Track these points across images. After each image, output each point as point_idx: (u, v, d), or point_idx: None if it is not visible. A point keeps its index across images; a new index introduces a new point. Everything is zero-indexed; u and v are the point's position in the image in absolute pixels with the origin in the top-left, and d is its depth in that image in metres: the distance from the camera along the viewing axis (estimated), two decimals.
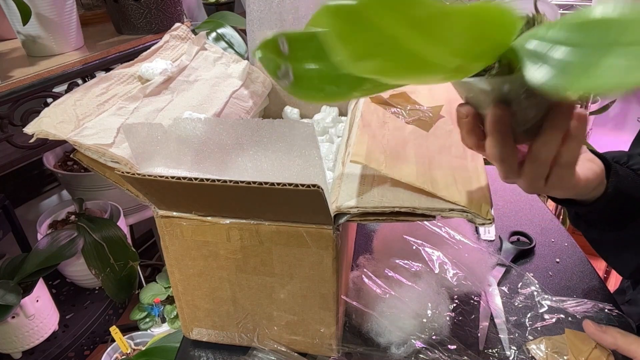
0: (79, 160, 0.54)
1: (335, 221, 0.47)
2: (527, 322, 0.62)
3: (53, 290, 1.12)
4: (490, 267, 0.69)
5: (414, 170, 0.48)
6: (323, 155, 0.68)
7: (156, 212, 0.52)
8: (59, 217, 1.14)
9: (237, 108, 0.70)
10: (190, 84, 0.68)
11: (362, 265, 0.64)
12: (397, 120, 0.57)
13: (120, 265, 1.05)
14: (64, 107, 0.54)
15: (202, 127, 0.47)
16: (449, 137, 0.56)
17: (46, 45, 0.92)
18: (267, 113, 0.84)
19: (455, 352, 0.56)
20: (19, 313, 0.90)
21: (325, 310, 0.54)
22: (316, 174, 0.45)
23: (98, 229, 1.05)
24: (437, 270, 0.64)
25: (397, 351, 0.57)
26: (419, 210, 0.45)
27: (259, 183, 0.41)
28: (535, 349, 0.58)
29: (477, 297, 0.65)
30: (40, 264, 0.93)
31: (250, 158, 0.47)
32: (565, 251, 0.75)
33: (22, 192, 1.30)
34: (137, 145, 0.48)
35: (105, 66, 0.97)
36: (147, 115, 0.58)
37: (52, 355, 0.98)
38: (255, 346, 0.59)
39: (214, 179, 0.42)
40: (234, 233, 0.51)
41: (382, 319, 0.57)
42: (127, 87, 0.62)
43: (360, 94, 0.43)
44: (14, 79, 0.82)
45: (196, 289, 0.57)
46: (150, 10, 1.02)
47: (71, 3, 0.93)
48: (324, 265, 0.51)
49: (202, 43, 0.76)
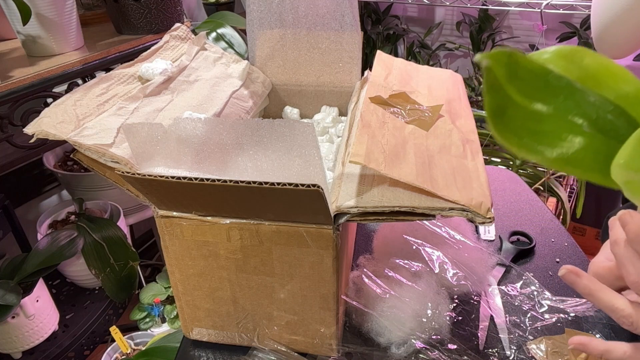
0: (79, 160, 0.54)
1: (335, 221, 0.47)
2: (527, 322, 0.62)
3: (53, 290, 1.12)
4: (490, 267, 0.69)
5: (413, 170, 0.48)
6: (323, 155, 0.68)
7: (156, 212, 0.52)
8: (59, 217, 1.14)
9: (237, 108, 0.70)
10: (190, 84, 0.68)
11: (362, 265, 0.64)
12: (397, 120, 0.57)
13: (120, 265, 1.05)
14: (64, 107, 0.54)
15: (202, 127, 0.47)
16: (448, 137, 0.56)
17: (46, 45, 0.92)
18: (267, 113, 0.84)
19: (455, 352, 0.56)
20: (19, 313, 0.90)
21: (325, 310, 0.54)
22: (316, 174, 0.45)
23: (98, 229, 1.05)
24: (437, 270, 0.64)
25: (397, 351, 0.57)
26: (419, 210, 0.45)
27: (259, 183, 0.41)
28: (535, 349, 0.58)
29: (477, 297, 0.65)
30: (40, 264, 0.93)
31: (250, 158, 0.47)
32: (565, 251, 0.75)
33: (22, 192, 1.30)
34: (137, 145, 0.48)
35: (105, 66, 0.97)
36: (147, 115, 0.58)
37: (52, 355, 0.98)
38: (255, 346, 0.59)
39: (214, 179, 0.42)
40: (234, 233, 0.51)
41: (382, 319, 0.57)
42: (127, 87, 0.62)
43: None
44: (14, 79, 0.82)
45: (196, 289, 0.57)
46: (150, 10, 1.02)
47: (71, 3, 0.93)
48: (324, 265, 0.51)
49: (202, 43, 0.76)
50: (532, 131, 0.25)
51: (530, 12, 1.61)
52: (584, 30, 1.52)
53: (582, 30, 1.53)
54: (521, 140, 0.25)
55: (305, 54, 0.79)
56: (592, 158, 0.26)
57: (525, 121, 0.25)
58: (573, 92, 0.25)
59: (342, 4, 0.73)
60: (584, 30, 1.52)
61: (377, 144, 0.50)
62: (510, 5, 1.39)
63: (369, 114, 0.56)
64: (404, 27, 1.88)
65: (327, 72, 0.80)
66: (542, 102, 0.25)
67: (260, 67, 0.81)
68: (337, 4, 0.74)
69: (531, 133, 0.25)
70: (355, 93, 0.75)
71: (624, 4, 0.61)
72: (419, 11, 1.86)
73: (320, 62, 0.79)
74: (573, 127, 0.25)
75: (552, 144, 0.26)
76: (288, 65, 0.81)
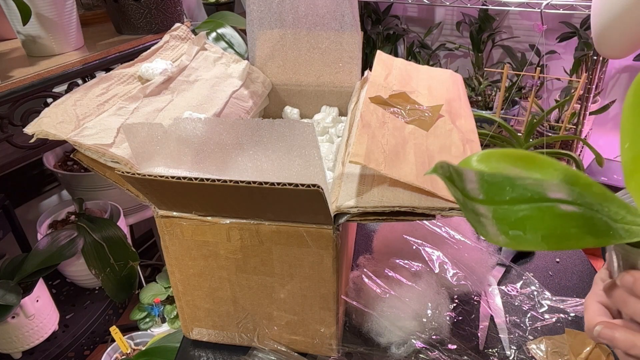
0: (79, 160, 0.54)
1: (335, 221, 0.47)
2: (527, 322, 0.62)
3: (53, 290, 1.12)
4: (490, 267, 0.69)
5: (413, 170, 0.48)
6: (323, 155, 0.68)
7: (156, 212, 0.52)
8: (59, 217, 1.14)
9: (237, 108, 0.70)
10: (190, 84, 0.68)
11: (362, 265, 0.64)
12: (397, 120, 0.57)
13: (120, 265, 1.04)
14: (64, 107, 0.54)
15: (202, 127, 0.47)
16: (448, 137, 0.56)
17: (46, 45, 0.92)
18: (267, 113, 0.84)
19: (455, 352, 0.56)
20: (19, 313, 0.90)
21: (325, 310, 0.54)
22: (316, 174, 0.45)
23: (98, 229, 1.05)
24: (437, 270, 0.64)
25: (397, 351, 0.57)
26: (419, 210, 0.45)
27: (259, 183, 0.41)
28: (535, 348, 0.58)
29: (477, 297, 0.65)
30: (40, 264, 0.93)
31: (250, 158, 0.47)
32: (565, 251, 0.75)
33: (22, 192, 1.30)
34: (137, 145, 0.48)
35: (105, 66, 0.96)
36: (147, 115, 0.58)
37: (52, 355, 0.98)
38: (255, 346, 0.59)
39: (214, 179, 0.42)
40: (234, 233, 0.51)
41: (382, 319, 0.57)
42: (127, 87, 0.62)
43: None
44: (14, 79, 0.82)
45: (196, 289, 0.57)
46: (150, 10, 1.02)
47: (71, 3, 0.93)
48: (324, 265, 0.51)
49: (202, 43, 0.76)
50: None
51: (530, 12, 1.61)
52: (584, 30, 1.52)
53: (582, 30, 1.53)
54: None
55: (305, 54, 0.79)
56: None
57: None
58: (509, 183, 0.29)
59: (342, 4, 0.73)
60: (584, 30, 1.52)
61: (377, 144, 0.50)
62: (510, 5, 1.39)
63: (369, 114, 0.56)
64: (404, 27, 1.88)
65: (327, 72, 0.80)
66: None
67: (260, 67, 0.81)
68: (337, 4, 0.74)
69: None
70: (355, 93, 0.75)
71: (624, 4, 0.61)
72: (419, 11, 1.86)
73: (320, 62, 0.79)
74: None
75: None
76: (288, 65, 0.81)
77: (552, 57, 1.67)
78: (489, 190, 0.29)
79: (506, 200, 0.29)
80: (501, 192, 0.29)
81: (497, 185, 0.29)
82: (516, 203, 0.29)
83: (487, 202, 0.29)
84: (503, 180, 0.29)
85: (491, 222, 0.28)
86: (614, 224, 0.30)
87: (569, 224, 0.29)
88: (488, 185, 0.29)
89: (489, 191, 0.29)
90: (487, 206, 0.29)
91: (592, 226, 0.29)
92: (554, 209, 0.29)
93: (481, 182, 0.29)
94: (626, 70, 1.60)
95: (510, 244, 0.28)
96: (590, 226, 0.29)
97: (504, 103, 1.55)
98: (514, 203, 0.29)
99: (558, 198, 0.29)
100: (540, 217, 0.28)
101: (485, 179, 0.29)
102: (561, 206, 0.29)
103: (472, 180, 0.29)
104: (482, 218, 0.29)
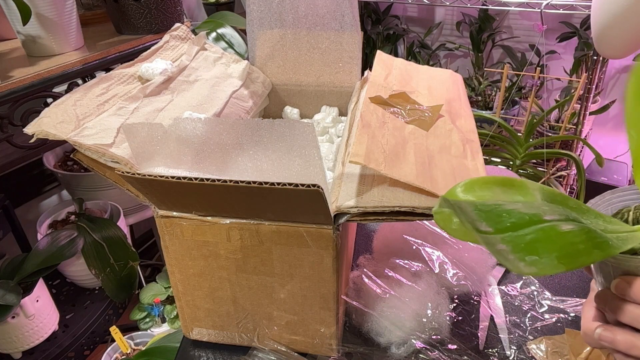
0: (79, 160, 0.54)
1: (335, 221, 0.47)
2: (527, 322, 0.62)
3: (53, 290, 1.12)
4: (490, 267, 0.69)
5: (413, 170, 0.48)
6: (323, 155, 0.68)
7: (156, 212, 0.52)
8: (59, 217, 1.14)
9: (237, 108, 0.70)
10: (190, 84, 0.68)
11: (362, 265, 0.64)
12: (397, 120, 0.57)
13: (120, 265, 1.04)
14: (64, 107, 0.54)
15: (202, 127, 0.47)
16: (448, 137, 0.56)
17: (46, 45, 0.92)
18: (267, 113, 0.84)
19: (455, 352, 0.56)
20: (19, 313, 0.90)
21: (325, 310, 0.54)
22: (316, 174, 0.45)
23: (98, 229, 1.05)
24: (437, 270, 0.64)
25: (397, 351, 0.57)
26: (419, 210, 0.45)
27: (259, 183, 0.41)
28: (535, 349, 0.58)
29: (477, 297, 0.65)
30: (40, 264, 0.93)
31: (250, 158, 0.47)
32: None
33: (22, 192, 1.30)
34: (137, 145, 0.48)
35: (105, 66, 0.97)
36: (147, 115, 0.58)
37: (52, 355, 0.98)
38: (255, 346, 0.59)
39: (214, 179, 0.42)
40: (234, 233, 0.51)
41: (382, 319, 0.57)
42: (127, 87, 0.62)
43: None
44: (14, 79, 0.82)
45: (196, 289, 0.57)
46: (150, 10, 1.02)
47: (71, 3, 0.93)
48: (324, 265, 0.51)
49: (202, 43, 0.76)
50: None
51: (530, 12, 1.61)
52: (584, 30, 1.52)
53: (582, 30, 1.53)
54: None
55: (305, 54, 0.79)
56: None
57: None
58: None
59: (342, 4, 0.73)
60: (584, 30, 1.52)
61: (377, 144, 0.50)
62: (510, 5, 1.39)
63: (369, 114, 0.56)
64: (404, 27, 1.88)
65: (327, 72, 0.80)
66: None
67: (260, 67, 0.81)
68: (337, 4, 0.74)
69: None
70: (355, 93, 0.75)
71: (624, 4, 0.61)
72: (419, 11, 1.86)
73: (320, 62, 0.79)
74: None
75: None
76: (288, 65, 0.81)
77: (552, 57, 1.67)
78: (488, 219, 0.28)
79: (508, 226, 0.28)
80: (499, 219, 0.28)
81: (493, 213, 0.29)
82: (518, 228, 0.28)
83: (494, 232, 0.28)
84: (496, 207, 0.29)
85: (507, 251, 0.27)
86: (604, 235, 0.29)
87: (576, 241, 0.28)
88: (485, 215, 0.29)
89: (489, 220, 0.28)
90: (494, 236, 0.28)
91: (593, 239, 0.29)
92: (557, 229, 0.28)
93: (477, 213, 0.29)
94: (626, 70, 1.60)
95: (532, 270, 0.27)
96: (593, 240, 0.29)
97: (504, 103, 1.55)
98: (516, 229, 0.28)
99: (552, 219, 0.29)
100: (548, 238, 0.28)
101: (479, 208, 0.29)
102: (562, 225, 0.29)
103: (470, 212, 0.29)
104: (499, 249, 0.28)
